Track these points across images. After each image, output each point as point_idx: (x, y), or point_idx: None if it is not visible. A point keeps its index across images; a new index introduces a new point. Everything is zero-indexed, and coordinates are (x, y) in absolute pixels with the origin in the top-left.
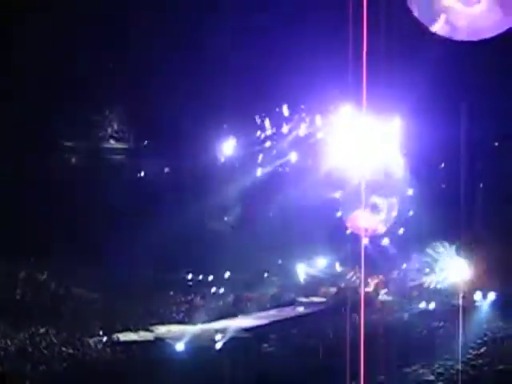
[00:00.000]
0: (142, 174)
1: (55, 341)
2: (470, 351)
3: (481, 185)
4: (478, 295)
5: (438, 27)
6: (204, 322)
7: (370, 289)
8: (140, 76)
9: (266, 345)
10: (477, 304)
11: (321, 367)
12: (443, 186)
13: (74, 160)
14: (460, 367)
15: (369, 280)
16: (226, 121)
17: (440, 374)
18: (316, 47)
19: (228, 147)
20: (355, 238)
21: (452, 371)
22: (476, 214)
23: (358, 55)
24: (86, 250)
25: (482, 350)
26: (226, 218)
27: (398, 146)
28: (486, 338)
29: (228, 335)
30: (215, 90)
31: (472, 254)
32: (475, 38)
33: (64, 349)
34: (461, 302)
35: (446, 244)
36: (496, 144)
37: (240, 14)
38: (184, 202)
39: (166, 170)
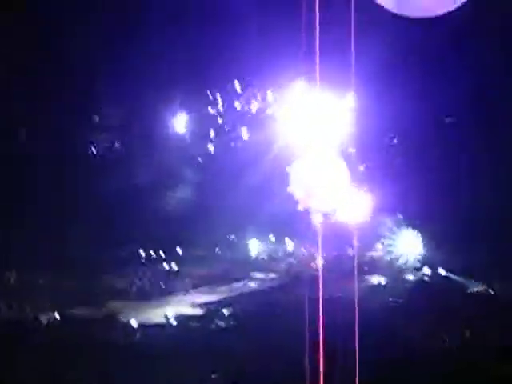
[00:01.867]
0: (94, 150)
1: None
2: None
3: (432, 159)
4: (427, 270)
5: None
6: (157, 299)
7: (319, 265)
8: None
9: (218, 320)
10: (425, 279)
11: (272, 344)
12: (397, 159)
13: None
14: None
15: (317, 256)
16: (178, 96)
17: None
18: (267, 21)
19: (180, 122)
20: (307, 214)
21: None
22: (429, 189)
23: (311, 28)
24: (37, 226)
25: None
26: (177, 194)
27: (352, 121)
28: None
29: (181, 311)
30: (167, 65)
31: (424, 229)
32: (427, 15)
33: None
34: (411, 277)
35: (398, 219)
36: (448, 119)
37: None
38: (134, 177)
39: (117, 144)
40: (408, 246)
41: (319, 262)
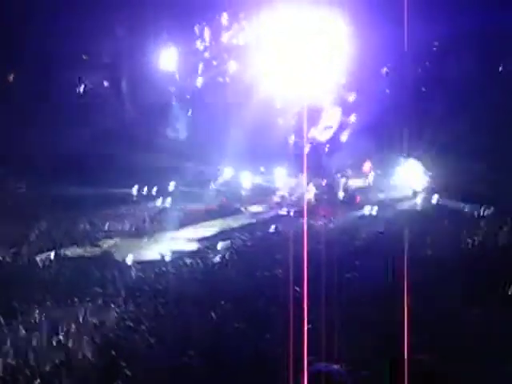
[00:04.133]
0: (82, 88)
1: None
2: None
3: (423, 89)
4: (419, 199)
5: None
6: (151, 235)
7: (311, 195)
8: None
9: (213, 255)
10: (418, 208)
11: (267, 276)
12: (387, 91)
13: None
14: None
15: (310, 186)
16: (165, 29)
17: None
18: None
19: (167, 57)
20: (297, 145)
21: None
22: (424, 121)
23: None
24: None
25: None
26: (167, 130)
27: (340, 49)
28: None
29: (175, 247)
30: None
31: (416, 158)
32: None
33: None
34: (403, 206)
35: (389, 148)
36: (435, 48)
37: None
38: (123, 114)
39: (105, 82)
40: (400, 175)
41: (311, 192)
